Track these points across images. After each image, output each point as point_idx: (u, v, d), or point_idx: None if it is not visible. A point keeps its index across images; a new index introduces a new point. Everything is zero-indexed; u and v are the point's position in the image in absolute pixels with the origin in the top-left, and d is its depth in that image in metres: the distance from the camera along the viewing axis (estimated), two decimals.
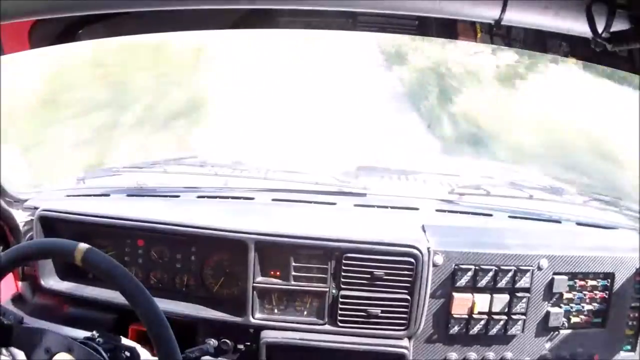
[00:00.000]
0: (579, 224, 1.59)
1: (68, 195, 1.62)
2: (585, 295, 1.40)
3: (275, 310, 1.40)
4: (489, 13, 0.88)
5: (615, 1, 0.80)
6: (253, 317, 1.38)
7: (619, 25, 0.81)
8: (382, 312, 1.36)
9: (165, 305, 1.32)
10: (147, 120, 6.32)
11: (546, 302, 1.38)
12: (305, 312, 1.40)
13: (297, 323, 1.39)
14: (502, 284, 1.35)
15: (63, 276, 1.47)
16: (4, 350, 1.11)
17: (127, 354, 1.16)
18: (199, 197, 1.61)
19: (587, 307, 1.40)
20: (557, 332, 1.40)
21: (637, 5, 0.80)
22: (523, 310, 1.36)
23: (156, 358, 1.07)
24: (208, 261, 1.44)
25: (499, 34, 1.13)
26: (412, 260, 1.34)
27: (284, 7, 1.12)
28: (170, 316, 1.03)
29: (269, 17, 1.25)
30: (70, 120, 5.22)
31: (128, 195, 1.62)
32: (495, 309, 1.36)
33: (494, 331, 1.37)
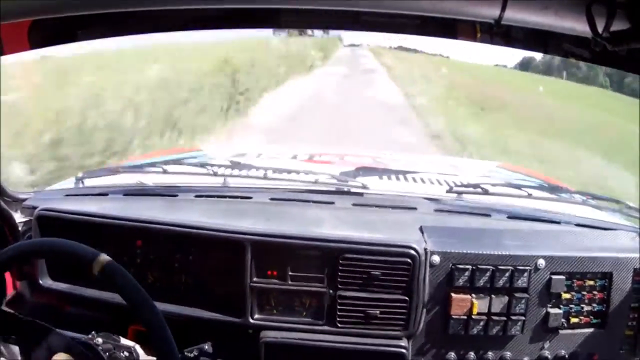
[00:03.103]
0: (578, 225, 1.59)
1: (67, 195, 1.62)
2: (583, 295, 1.40)
3: (274, 311, 1.40)
4: (488, 12, 0.88)
5: (615, 1, 0.80)
6: (252, 318, 1.38)
7: (619, 25, 0.81)
8: (381, 312, 1.36)
9: (163, 306, 1.32)
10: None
11: (545, 303, 1.38)
12: (303, 313, 1.39)
13: (296, 323, 1.38)
14: (499, 284, 1.35)
15: (55, 276, 1.47)
16: (2, 349, 1.10)
17: (126, 354, 1.16)
18: (196, 196, 1.60)
19: (586, 307, 1.40)
20: (556, 333, 1.40)
21: (637, 5, 0.80)
22: (522, 311, 1.36)
23: (154, 358, 1.07)
24: (206, 261, 1.43)
25: (499, 34, 1.12)
26: (409, 260, 1.33)
27: (284, 6, 1.12)
28: (169, 317, 1.02)
29: (270, 16, 1.25)
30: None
31: (126, 195, 1.61)
32: (495, 309, 1.35)
33: (493, 332, 1.37)
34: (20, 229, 1.49)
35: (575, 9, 0.84)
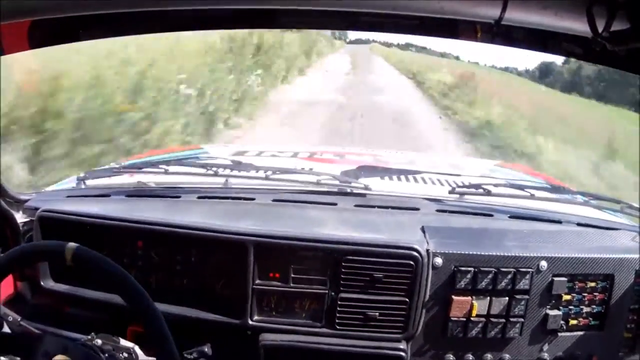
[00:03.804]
0: (579, 224, 1.58)
1: (68, 196, 1.62)
2: (584, 297, 1.39)
3: (274, 313, 1.39)
4: (489, 12, 0.88)
5: (615, 1, 0.80)
6: (252, 320, 1.38)
7: (619, 25, 0.81)
8: (380, 314, 1.35)
9: (164, 307, 1.32)
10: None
11: (545, 305, 1.37)
12: (303, 315, 1.39)
13: (296, 326, 1.38)
14: (501, 286, 1.34)
15: (57, 278, 1.47)
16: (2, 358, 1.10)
17: (125, 355, 1.16)
18: (199, 197, 1.60)
19: (586, 309, 1.39)
20: (555, 335, 1.39)
21: (637, 5, 0.80)
22: (522, 313, 1.36)
23: (154, 359, 1.07)
24: (207, 263, 1.43)
25: (499, 34, 1.12)
26: (412, 262, 1.33)
27: (284, 7, 1.12)
28: (169, 318, 1.03)
29: (269, 16, 1.25)
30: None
31: (128, 196, 1.61)
32: (494, 311, 1.35)
33: (492, 334, 1.36)
34: (20, 228, 1.50)
35: (575, 9, 0.84)
